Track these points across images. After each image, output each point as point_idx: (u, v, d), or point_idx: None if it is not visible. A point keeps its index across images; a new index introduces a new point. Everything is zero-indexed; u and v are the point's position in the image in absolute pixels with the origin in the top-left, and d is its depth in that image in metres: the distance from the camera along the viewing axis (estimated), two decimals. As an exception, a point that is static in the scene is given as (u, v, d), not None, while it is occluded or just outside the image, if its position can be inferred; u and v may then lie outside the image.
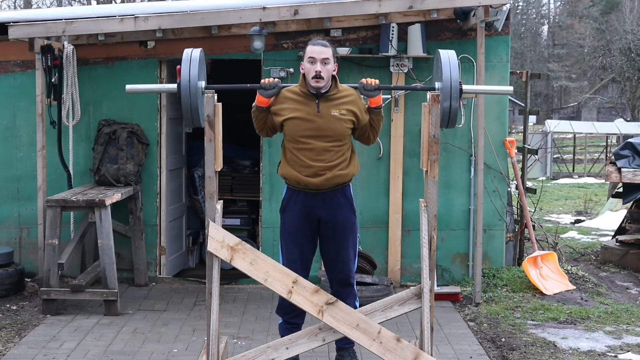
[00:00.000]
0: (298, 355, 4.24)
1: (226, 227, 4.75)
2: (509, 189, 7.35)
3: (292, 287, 4.06)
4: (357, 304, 4.59)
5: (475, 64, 6.76)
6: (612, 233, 9.32)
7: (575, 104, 43.43)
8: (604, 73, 36.81)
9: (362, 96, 4.42)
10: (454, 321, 5.93)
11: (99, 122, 6.88)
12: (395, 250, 6.98)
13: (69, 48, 6.48)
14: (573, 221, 12.34)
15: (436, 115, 4.10)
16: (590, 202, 14.42)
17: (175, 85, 4.16)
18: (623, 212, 10.00)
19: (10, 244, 6.98)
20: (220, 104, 4.20)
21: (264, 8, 6.32)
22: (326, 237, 4.50)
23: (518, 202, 7.68)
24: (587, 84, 42.32)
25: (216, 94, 4.15)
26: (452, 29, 6.92)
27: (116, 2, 22.65)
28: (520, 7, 52.33)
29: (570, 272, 7.24)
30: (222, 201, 4.39)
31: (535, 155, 8.71)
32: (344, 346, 4.62)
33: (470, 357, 5.08)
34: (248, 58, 6.95)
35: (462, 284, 6.93)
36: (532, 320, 5.95)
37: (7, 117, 7.02)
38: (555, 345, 5.31)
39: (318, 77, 4.28)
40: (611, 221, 11.08)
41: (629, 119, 31.98)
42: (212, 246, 4.11)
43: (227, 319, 5.84)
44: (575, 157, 24.94)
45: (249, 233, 8.04)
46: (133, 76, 6.88)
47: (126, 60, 6.97)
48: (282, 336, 4.44)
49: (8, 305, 6.25)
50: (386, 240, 6.98)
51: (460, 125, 6.90)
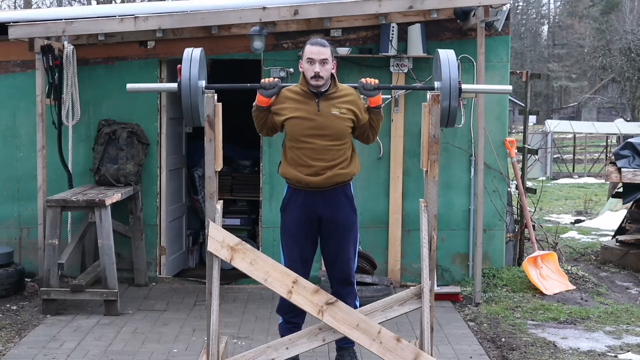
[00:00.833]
0: (298, 355, 4.24)
1: (226, 227, 4.74)
2: (509, 189, 7.34)
3: (292, 287, 4.06)
4: (357, 304, 4.59)
5: (475, 64, 6.76)
6: (612, 233, 9.32)
7: (575, 104, 43.44)
8: (604, 73, 36.79)
9: (362, 96, 4.43)
10: (454, 321, 5.93)
11: (99, 122, 6.88)
12: (395, 250, 6.98)
13: (69, 48, 6.48)
14: (573, 221, 12.33)
15: (436, 115, 4.10)
16: (590, 202, 14.41)
17: (175, 85, 4.16)
18: (623, 212, 9.99)
19: (10, 244, 6.98)
20: (220, 104, 4.20)
21: (264, 8, 6.32)
22: (327, 236, 4.51)
23: (518, 202, 7.67)
24: (587, 84, 42.33)
25: (216, 94, 4.15)
26: (452, 29, 6.92)
27: (116, 2, 22.64)
28: (520, 7, 52.32)
29: (570, 272, 7.24)
30: (222, 201, 4.39)
31: (535, 155, 8.70)
32: (344, 346, 4.62)
33: (470, 357, 5.08)
34: (248, 58, 6.95)
35: (462, 284, 6.93)
36: (532, 320, 5.95)
37: (7, 117, 7.02)
38: (555, 345, 5.31)
39: (317, 77, 4.31)
40: (611, 221, 11.08)
41: (629, 119, 31.98)
42: (212, 246, 4.11)
43: (227, 319, 5.84)
44: (575, 157, 24.93)
45: (249, 233, 8.03)
46: (133, 76, 6.88)
47: (126, 60, 6.97)
48: (282, 336, 4.44)
49: (8, 305, 6.25)
50: (386, 240, 6.98)
51: (460, 125, 6.90)
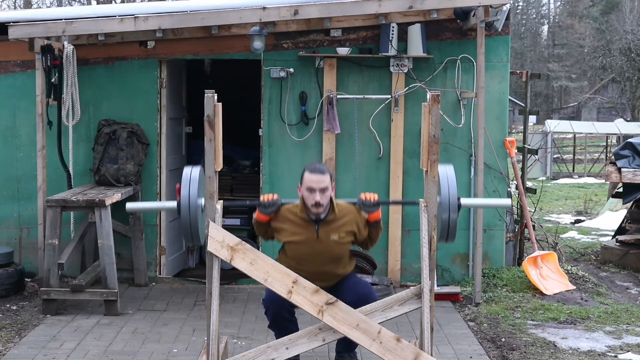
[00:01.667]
0: (298, 355, 4.24)
1: (226, 227, 4.75)
2: (509, 189, 7.34)
3: (292, 287, 4.06)
4: None
5: (475, 64, 6.76)
6: (612, 233, 9.31)
7: (575, 104, 43.44)
8: (604, 73, 36.81)
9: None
10: (454, 321, 5.92)
11: (99, 122, 6.88)
12: (395, 250, 6.98)
13: (69, 48, 6.48)
14: (573, 221, 12.33)
15: (436, 115, 4.10)
16: (590, 202, 14.41)
17: (175, 203, 4.15)
18: (623, 212, 9.99)
19: (10, 244, 6.98)
20: (220, 104, 4.20)
21: (264, 8, 6.32)
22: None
23: (518, 202, 7.67)
24: (587, 84, 42.33)
25: (216, 94, 4.15)
26: (452, 29, 6.92)
27: (116, 2, 22.64)
28: (520, 7, 52.34)
29: (570, 272, 7.24)
30: (222, 201, 4.39)
31: (535, 155, 8.70)
32: (345, 352, 4.62)
33: (470, 357, 5.08)
34: (248, 58, 6.94)
35: (462, 284, 6.93)
36: (532, 320, 5.95)
37: (7, 117, 7.02)
38: (555, 345, 5.31)
39: (317, 205, 4.33)
40: (611, 221, 11.07)
41: (629, 119, 31.99)
42: (212, 246, 4.11)
43: (227, 319, 5.84)
44: (575, 157, 24.93)
45: (249, 233, 8.02)
46: (133, 76, 6.89)
47: (126, 60, 6.96)
48: (275, 331, 4.51)
49: (8, 305, 6.25)
50: (386, 240, 6.98)
51: (460, 125, 6.91)
